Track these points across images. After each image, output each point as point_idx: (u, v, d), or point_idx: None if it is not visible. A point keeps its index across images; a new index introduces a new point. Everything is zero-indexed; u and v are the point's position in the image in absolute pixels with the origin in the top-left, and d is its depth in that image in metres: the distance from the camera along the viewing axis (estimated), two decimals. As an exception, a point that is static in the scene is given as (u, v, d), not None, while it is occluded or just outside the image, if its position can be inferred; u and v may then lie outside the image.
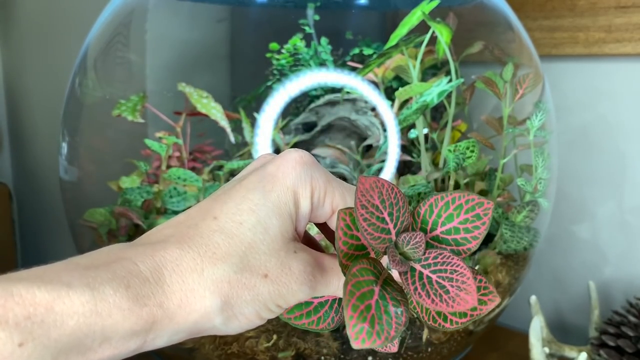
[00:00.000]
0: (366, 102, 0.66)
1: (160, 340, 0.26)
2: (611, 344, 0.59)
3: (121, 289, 0.24)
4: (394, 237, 0.28)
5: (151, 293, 0.25)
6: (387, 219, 0.28)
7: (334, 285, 0.30)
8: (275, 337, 0.54)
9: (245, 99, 0.74)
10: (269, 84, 0.71)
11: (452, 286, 0.27)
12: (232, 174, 0.65)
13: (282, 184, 0.29)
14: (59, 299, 0.23)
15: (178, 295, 0.26)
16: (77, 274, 0.24)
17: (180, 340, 0.27)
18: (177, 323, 0.26)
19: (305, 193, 0.29)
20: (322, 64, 0.70)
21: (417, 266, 0.28)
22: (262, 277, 0.27)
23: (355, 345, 0.25)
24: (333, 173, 0.41)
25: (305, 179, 0.29)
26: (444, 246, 0.29)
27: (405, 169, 0.68)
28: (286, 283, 0.28)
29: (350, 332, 0.25)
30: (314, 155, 0.67)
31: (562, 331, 0.82)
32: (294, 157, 0.29)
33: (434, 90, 0.58)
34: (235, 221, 0.28)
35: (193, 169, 0.65)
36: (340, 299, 0.32)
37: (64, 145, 0.67)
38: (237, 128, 0.63)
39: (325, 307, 0.32)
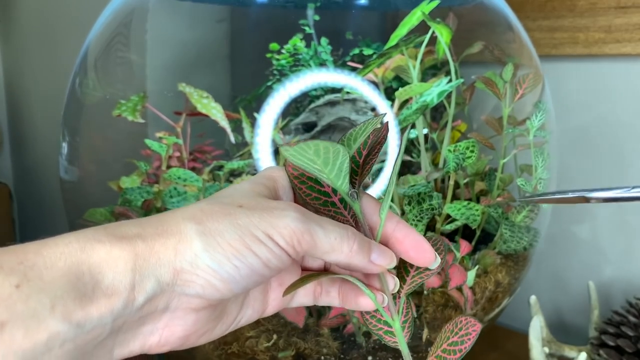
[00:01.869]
0: (366, 102, 0.66)
1: (148, 282, 0.26)
2: (611, 343, 0.59)
3: (100, 229, 0.27)
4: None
5: (128, 229, 0.27)
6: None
7: (331, 228, 0.29)
8: (275, 336, 0.54)
9: (246, 99, 0.74)
10: (269, 84, 0.71)
11: None
12: (232, 174, 0.65)
13: (258, 174, 0.33)
14: (46, 246, 0.25)
15: (154, 224, 0.28)
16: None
17: (170, 284, 0.27)
18: (157, 252, 0.27)
19: (280, 173, 0.33)
20: (322, 64, 0.70)
21: None
22: (236, 206, 0.29)
23: None
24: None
25: (279, 168, 0.33)
26: None
27: (405, 169, 0.68)
28: (266, 206, 0.29)
29: None
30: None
31: (562, 331, 0.82)
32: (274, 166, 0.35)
33: (434, 90, 0.58)
34: (212, 196, 0.31)
35: (193, 169, 0.65)
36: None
37: (64, 145, 0.67)
38: (237, 128, 0.63)
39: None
